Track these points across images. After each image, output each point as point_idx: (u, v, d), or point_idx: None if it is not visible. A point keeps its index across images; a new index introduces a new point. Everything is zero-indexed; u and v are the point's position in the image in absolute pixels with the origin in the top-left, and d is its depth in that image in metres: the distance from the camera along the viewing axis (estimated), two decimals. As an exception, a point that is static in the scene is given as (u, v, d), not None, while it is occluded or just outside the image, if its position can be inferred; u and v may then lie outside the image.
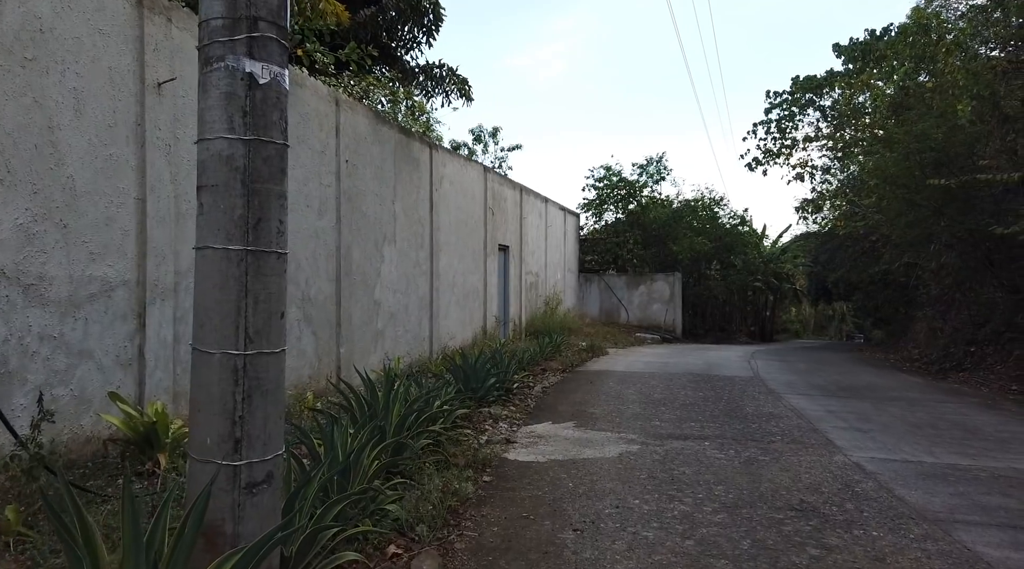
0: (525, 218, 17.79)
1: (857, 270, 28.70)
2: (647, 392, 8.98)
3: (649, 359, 13.81)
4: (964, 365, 13.06)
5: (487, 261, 14.74)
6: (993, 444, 6.13)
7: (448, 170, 12.54)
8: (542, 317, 18.21)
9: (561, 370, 11.27)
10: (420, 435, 5.08)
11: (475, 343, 13.62)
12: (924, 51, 15.57)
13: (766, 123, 24.84)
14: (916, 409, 7.95)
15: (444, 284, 12.36)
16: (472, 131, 29.60)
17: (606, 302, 25.21)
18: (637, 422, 6.98)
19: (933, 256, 12.90)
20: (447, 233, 12.51)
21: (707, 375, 10.97)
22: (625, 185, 26.30)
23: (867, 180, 14.37)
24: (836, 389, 9.67)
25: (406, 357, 10.51)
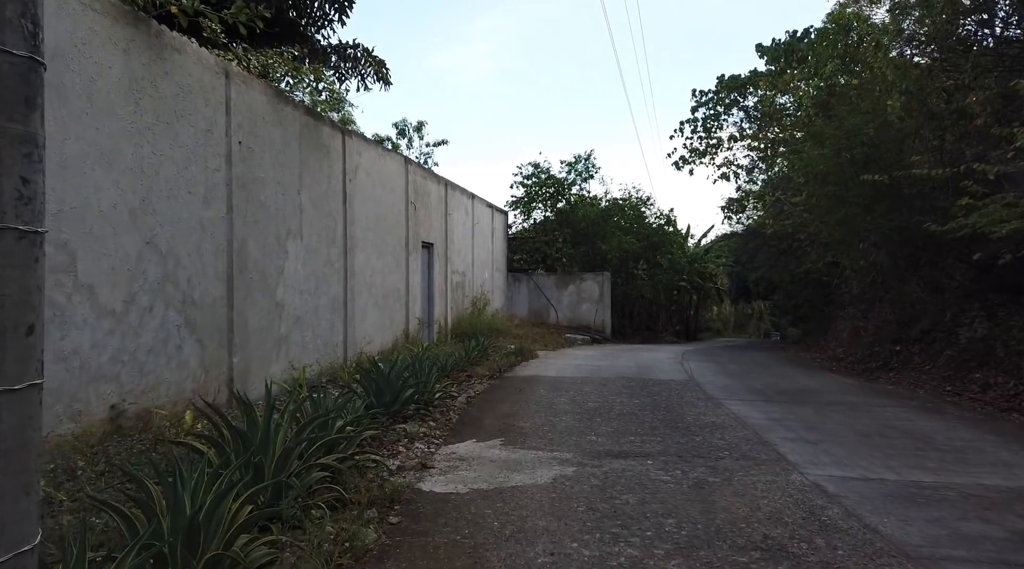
0: (451, 214, 16.90)
1: (778, 269, 29.27)
2: (581, 400, 8.28)
3: (580, 362, 13.18)
4: (891, 364, 13.04)
5: (409, 259, 13.77)
6: (950, 455, 5.70)
7: (364, 160, 11.51)
8: (469, 318, 17.36)
9: (488, 376, 10.46)
10: (311, 469, 4.14)
11: (395, 348, 12.63)
12: (846, 51, 15.64)
13: (692, 122, 24.85)
14: (859, 414, 7.56)
15: (360, 284, 11.33)
16: (396, 125, 28.42)
17: (535, 302, 24.60)
18: (571, 437, 6.24)
19: (862, 255, 12.81)
20: (364, 228, 11.48)
21: (641, 379, 10.40)
22: (554, 183, 25.78)
23: (796, 178, 14.23)
24: (774, 393, 9.25)
25: (315, 365, 9.45)
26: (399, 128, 28.48)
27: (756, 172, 23.16)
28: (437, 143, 28.73)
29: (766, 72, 22.70)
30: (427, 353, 11.81)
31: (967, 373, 9.74)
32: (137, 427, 5.61)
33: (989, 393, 8.79)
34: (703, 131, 25.08)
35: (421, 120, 29.02)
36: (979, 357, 9.78)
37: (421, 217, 14.73)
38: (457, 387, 9.46)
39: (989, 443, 6.16)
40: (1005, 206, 7.63)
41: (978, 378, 9.42)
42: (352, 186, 10.93)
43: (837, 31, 17.21)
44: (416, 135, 28.60)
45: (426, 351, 11.78)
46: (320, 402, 5.46)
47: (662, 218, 29.63)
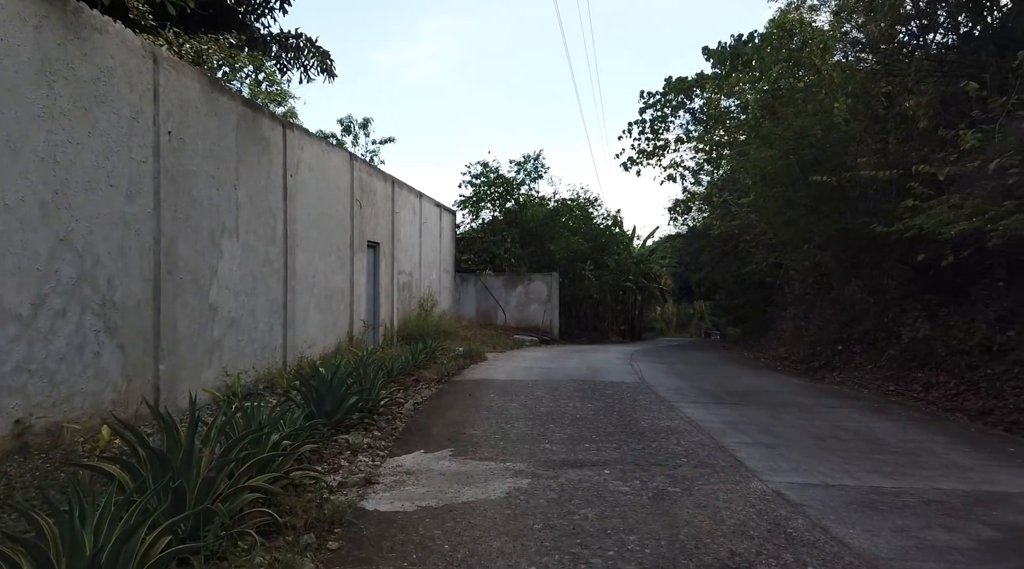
0: (398, 213, 16.44)
1: (721, 270, 29.78)
2: (532, 405, 8.02)
3: (530, 364, 12.95)
4: (834, 364, 13.27)
5: (354, 259, 13.29)
6: (904, 458, 5.67)
7: (307, 155, 10.99)
8: (416, 320, 16.94)
9: (436, 380, 10.11)
10: (241, 492, 3.74)
11: (339, 351, 12.14)
12: (790, 55, 15.88)
13: (640, 123, 25.01)
14: (811, 416, 7.54)
15: (302, 284, 10.82)
16: (341, 121, 27.70)
17: (483, 303, 24.31)
18: (525, 445, 5.97)
19: (806, 256, 12.98)
20: (306, 226, 10.97)
21: (592, 382, 10.23)
22: (503, 182, 25.54)
23: (743, 179, 14.35)
24: (725, 394, 9.21)
25: (251, 371, 8.92)
26: (344, 125, 27.78)
27: (702, 174, 23.42)
28: (384, 141, 28.11)
29: (712, 75, 23.02)
30: (372, 357, 11.36)
31: (909, 372, 9.93)
32: (46, 444, 5.07)
33: (932, 392, 8.94)
34: (651, 133, 25.29)
35: (367, 117, 28.36)
36: (920, 357, 9.98)
37: (367, 216, 14.25)
38: (404, 392, 9.09)
39: (939, 444, 6.19)
40: (951, 208, 7.74)
41: (920, 378, 9.60)
42: (294, 182, 10.41)
43: (781, 36, 17.51)
44: (362, 132, 27.95)
45: (371, 354, 11.33)
46: (254, 413, 5.03)
47: (609, 219, 29.79)
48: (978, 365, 8.77)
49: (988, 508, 4.34)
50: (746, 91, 17.24)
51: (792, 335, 17.70)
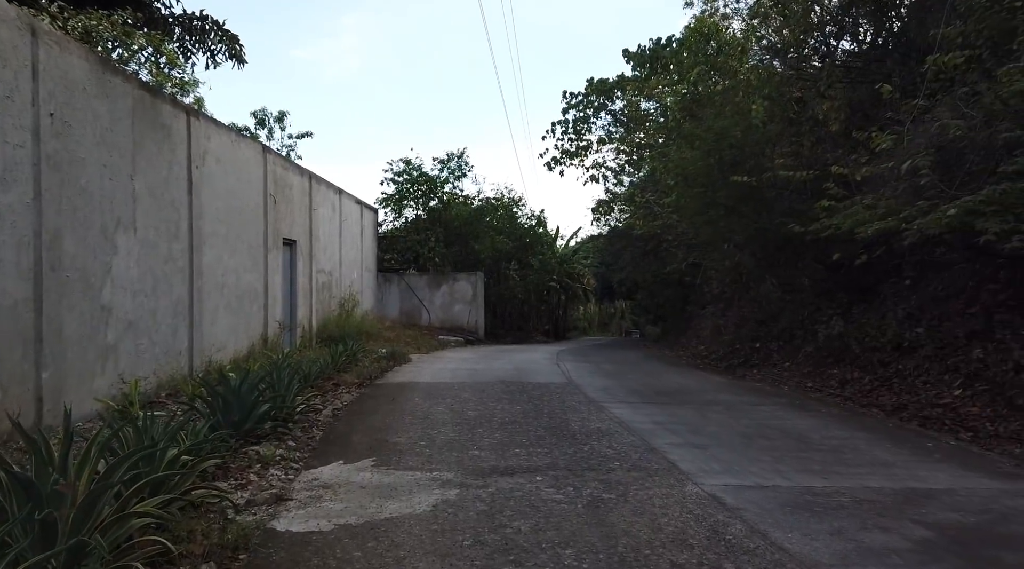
0: (316, 210, 15.75)
1: (642, 270, 30.33)
2: (459, 409, 7.71)
3: (456, 366, 12.62)
4: (752, 361, 13.58)
5: (268, 257, 12.57)
6: (831, 456, 5.70)
7: (214, 145, 10.27)
8: (336, 321, 16.28)
9: (358, 384, 9.63)
10: (127, 519, 3.26)
11: (252, 354, 11.43)
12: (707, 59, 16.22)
13: (564, 123, 25.09)
14: (737, 415, 7.56)
15: (210, 284, 10.10)
16: (255, 114, 26.49)
17: (407, 303, 23.76)
18: (452, 453, 5.65)
19: (726, 256, 13.23)
20: (214, 222, 10.24)
21: (520, 383, 10.01)
22: (426, 180, 25.03)
23: (665, 179, 14.52)
24: (652, 394, 9.18)
25: (152, 378, 8.20)
26: (258, 118, 26.59)
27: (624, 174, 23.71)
28: (301, 135, 27.05)
29: (632, 77, 23.35)
30: (288, 360, 10.74)
31: (825, 369, 10.21)
32: None
33: (847, 388, 9.20)
34: (573, 133, 25.41)
35: (283, 110, 27.27)
36: (836, 354, 10.29)
37: (282, 212, 13.54)
38: (322, 398, 8.58)
39: (862, 441, 6.29)
40: (866, 208, 7.95)
41: (836, 374, 9.88)
42: (200, 174, 9.69)
43: (698, 40, 17.91)
44: (278, 126, 26.84)
45: (287, 358, 10.72)
46: (147, 426, 4.49)
47: (533, 219, 29.76)
48: (890, 361, 9.08)
49: (917, 506, 4.36)
50: (666, 94, 17.48)
51: (711, 334, 18.11)
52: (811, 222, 9.89)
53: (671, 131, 16.86)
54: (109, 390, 7.32)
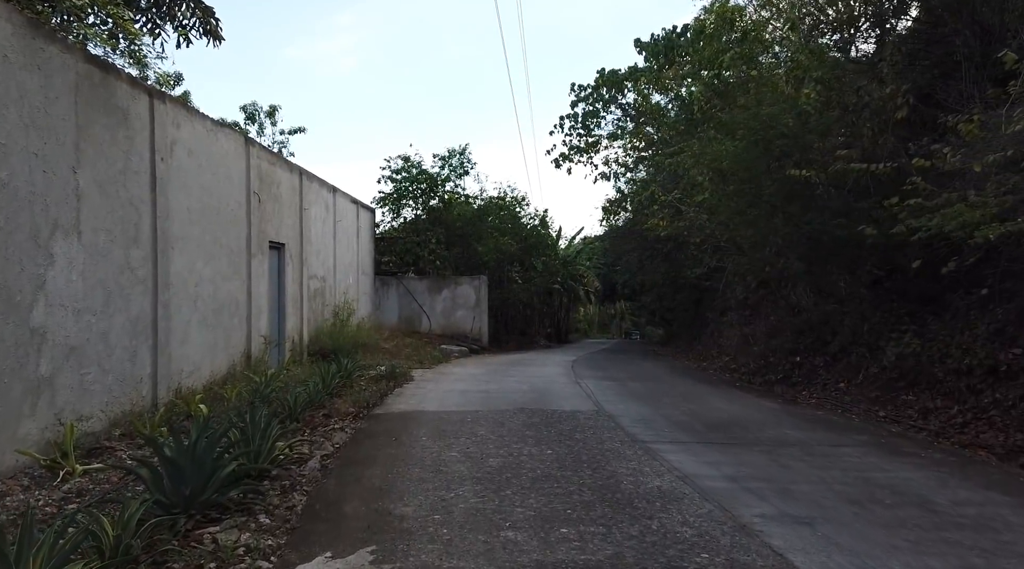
0: (307, 209, 14.29)
1: (651, 272, 28.94)
2: (478, 453, 6.26)
3: (465, 386, 11.17)
4: (793, 378, 12.17)
5: (253, 263, 11.12)
6: (984, 539, 4.26)
7: (186, 134, 8.81)
8: (330, 332, 14.82)
9: (353, 414, 8.18)
10: None
11: (233, 375, 9.99)
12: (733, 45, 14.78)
13: (572, 117, 23.65)
14: (822, 462, 6.13)
15: (181, 296, 8.64)
16: (244, 108, 25.10)
17: (406, 309, 22.30)
18: (478, 535, 4.20)
19: (768, 260, 11.80)
20: (185, 224, 8.79)
21: (543, 412, 8.57)
22: (426, 178, 23.54)
23: (693, 176, 13.09)
24: (702, 427, 7.74)
25: (101, 415, 6.74)
26: (248, 112, 25.21)
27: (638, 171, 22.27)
28: (293, 131, 25.70)
29: (645, 69, 21.93)
30: (272, 383, 9.31)
31: (897, 395, 8.79)
32: None
33: (932, 420, 7.79)
34: (582, 128, 23.98)
35: (274, 104, 25.78)
36: (909, 376, 8.87)
37: (269, 212, 12.08)
38: (310, 434, 7.13)
39: (1006, 508, 4.85)
40: (970, 206, 6.54)
41: (912, 401, 8.46)
42: (167, 167, 8.23)
43: (721, 24, 16.50)
44: (268, 121, 25.43)
45: (271, 380, 9.28)
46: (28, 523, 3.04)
47: (536, 219, 28.31)
48: (983, 388, 7.67)
49: None
50: (690, 84, 16.04)
51: (739, 343, 16.67)
52: (878, 223, 8.49)
53: (695, 123, 15.42)
54: (42, 435, 5.86)
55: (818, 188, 9.98)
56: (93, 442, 6.45)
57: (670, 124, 17.85)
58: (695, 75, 17.67)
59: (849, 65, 10.08)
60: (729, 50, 13.68)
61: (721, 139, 11.93)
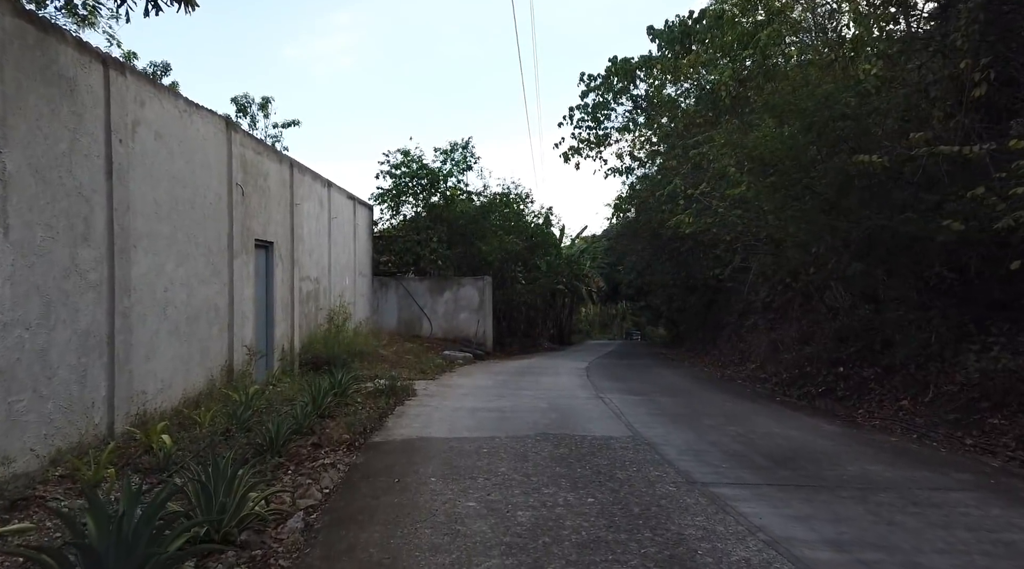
0: (299, 205, 13.02)
1: (660, 271, 27.69)
2: (501, 505, 5.00)
3: (475, 401, 9.92)
4: (839, 391, 10.93)
5: (235, 264, 9.86)
6: None
7: (152, 114, 7.55)
8: (324, 338, 13.57)
9: (347, 444, 6.91)
10: None
11: (210, 393, 8.72)
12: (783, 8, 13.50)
13: (582, 108, 22.38)
14: (937, 518, 4.86)
15: (147, 303, 7.38)
16: (235, 100, 23.78)
17: (406, 311, 21.04)
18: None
19: (816, 260, 10.55)
20: (152, 218, 7.53)
21: (571, 438, 7.32)
22: (427, 173, 22.25)
23: (723, 167, 11.83)
24: (766, 460, 6.48)
25: (37, 452, 5.47)
26: (239, 104, 23.88)
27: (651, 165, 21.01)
28: (287, 124, 24.36)
29: (660, 57, 20.69)
30: (255, 402, 8.06)
31: (982, 418, 7.54)
32: None
33: (1035, 450, 6.54)
34: (592, 121, 22.72)
35: (266, 96, 24.50)
36: (994, 396, 7.62)
37: (255, 206, 10.82)
38: (294, 473, 5.87)
39: None
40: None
41: (1003, 426, 7.21)
42: (128, 152, 6.97)
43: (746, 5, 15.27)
44: (261, 113, 24.11)
45: (253, 399, 8.02)
46: None
47: (540, 217, 27.04)
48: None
49: None
50: (718, 69, 14.77)
51: (767, 350, 15.42)
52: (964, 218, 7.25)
53: (723, 111, 14.18)
54: (-52, 485, 4.59)
55: (880, 178, 8.73)
56: (25, 487, 5.18)
57: (691, 113, 16.56)
58: (714, 62, 16.40)
59: (916, 38, 8.82)
60: (766, 27, 12.39)
61: (760, 125, 10.68)
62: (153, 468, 5.78)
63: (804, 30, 12.54)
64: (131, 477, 5.01)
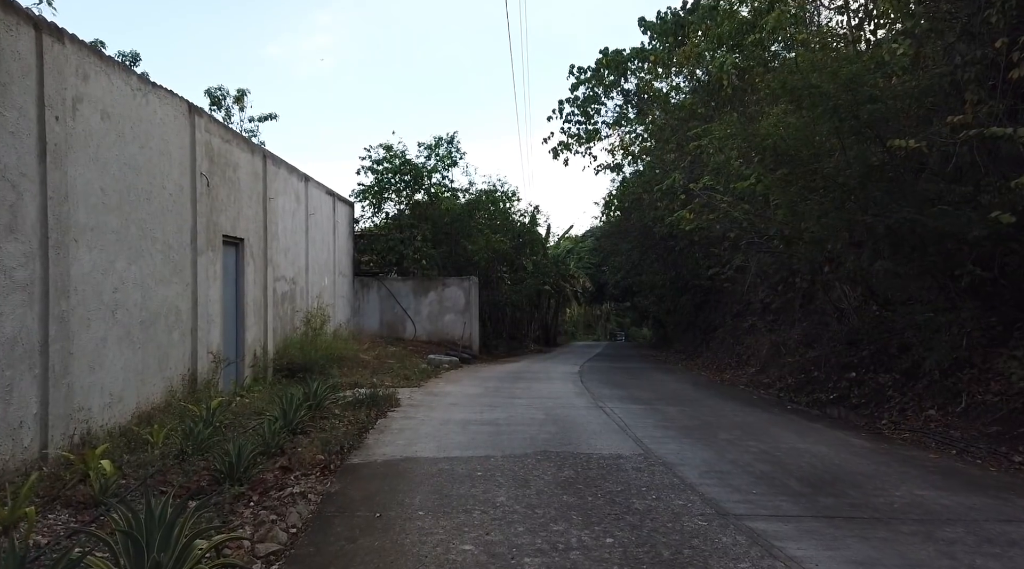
0: (273, 199, 12.10)
1: (651, 271, 27.00)
2: (504, 546, 4.17)
3: (465, 412, 9.07)
4: (852, 399, 10.24)
5: (200, 261, 8.94)
6: None
7: (98, 90, 6.63)
8: (301, 343, 12.64)
9: (321, 467, 6.03)
10: None
11: (167, 407, 7.78)
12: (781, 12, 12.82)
13: (572, 101, 21.60)
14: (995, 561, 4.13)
15: (91, 305, 6.46)
16: (209, 92, 22.66)
17: (388, 313, 20.12)
18: None
19: (832, 257, 9.83)
20: (98, 209, 6.61)
21: (574, 456, 6.50)
22: (411, 169, 21.33)
23: (728, 160, 11.09)
24: (801, 485, 5.69)
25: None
26: (213, 96, 22.76)
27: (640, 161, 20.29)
28: (263, 118, 23.30)
29: (651, 49, 19.99)
30: (218, 417, 7.15)
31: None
32: None
33: (1098, 469, 5.83)
34: (582, 116, 21.95)
35: (242, 88, 23.44)
36: (1039, 406, 6.92)
37: (222, 200, 9.89)
38: (256, 506, 4.99)
39: None
40: None
41: (1055, 440, 6.50)
42: (66, 132, 6.04)
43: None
44: (236, 107, 23.03)
45: (215, 413, 7.11)
46: None
47: (527, 216, 26.23)
48: None
49: None
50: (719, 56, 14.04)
51: (769, 353, 14.72)
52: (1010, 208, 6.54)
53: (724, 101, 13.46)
54: None
55: (906, 167, 8.03)
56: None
57: (687, 105, 15.83)
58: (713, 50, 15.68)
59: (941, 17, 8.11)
60: (767, 13, 11.67)
61: (768, 114, 9.97)
62: (88, 501, 4.88)
63: (817, 8, 11.84)
64: (25, 531, 4.09)
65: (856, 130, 8.03)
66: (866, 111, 7.55)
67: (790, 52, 13.50)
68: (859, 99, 7.57)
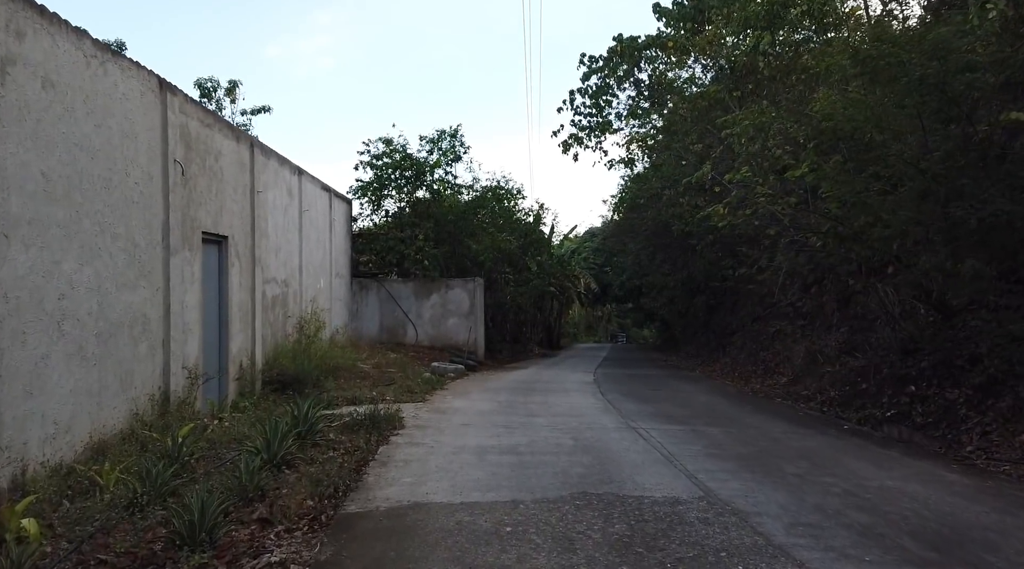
0: (261, 193, 10.89)
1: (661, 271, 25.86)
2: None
3: (479, 435, 7.86)
4: (914, 417, 9.04)
5: (173, 262, 7.72)
6: None
7: (38, 53, 5.41)
8: (293, 351, 11.43)
9: (309, 519, 4.81)
10: None
11: (130, 435, 6.55)
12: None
13: (584, 91, 20.39)
14: None
15: (27, 315, 5.24)
16: (199, 83, 21.38)
17: (388, 317, 18.91)
18: None
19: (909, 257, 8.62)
20: (37, 198, 5.39)
21: (623, 501, 5.30)
22: (412, 164, 20.10)
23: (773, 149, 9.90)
24: (921, 547, 4.48)
25: None
26: (203, 88, 21.49)
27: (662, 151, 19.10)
28: (256, 110, 22.02)
29: (670, 35, 18.81)
30: (188, 448, 5.93)
31: None
32: None
33: None
34: (594, 107, 20.76)
35: (234, 79, 22.20)
36: None
37: (202, 191, 8.68)
38: (224, 584, 3.77)
39: None
40: None
41: None
42: (-9, 100, 4.82)
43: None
44: (227, 99, 21.75)
45: (185, 444, 5.89)
46: None
47: (531, 214, 25.04)
48: None
49: None
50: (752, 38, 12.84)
51: (804, 362, 13.51)
52: None
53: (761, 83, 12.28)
54: None
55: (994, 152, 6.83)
56: None
57: (711, 94, 14.63)
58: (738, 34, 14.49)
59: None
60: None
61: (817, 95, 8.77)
62: (-2, 581, 3.68)
63: None
64: None
65: (939, 108, 6.82)
66: (961, 82, 6.34)
67: (828, 32, 12.31)
68: (950, 68, 6.36)
